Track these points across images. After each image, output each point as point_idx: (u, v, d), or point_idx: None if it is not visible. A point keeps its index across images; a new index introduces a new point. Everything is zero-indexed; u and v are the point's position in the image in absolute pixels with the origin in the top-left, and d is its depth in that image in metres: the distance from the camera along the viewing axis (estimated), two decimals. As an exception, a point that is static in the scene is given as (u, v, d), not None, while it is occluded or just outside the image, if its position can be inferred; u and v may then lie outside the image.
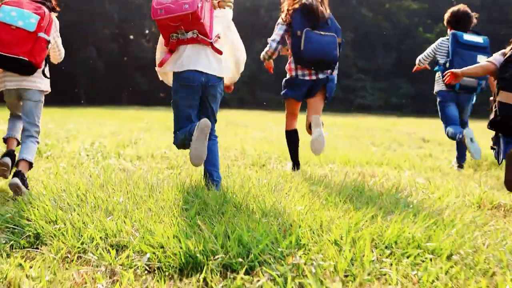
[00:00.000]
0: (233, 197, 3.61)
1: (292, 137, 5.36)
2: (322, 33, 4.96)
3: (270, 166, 5.63)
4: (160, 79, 4.43)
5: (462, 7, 6.00)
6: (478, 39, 5.75)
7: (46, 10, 4.09)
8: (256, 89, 45.62)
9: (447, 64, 5.75)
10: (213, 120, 4.26)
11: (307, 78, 5.11)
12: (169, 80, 4.30)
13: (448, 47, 5.82)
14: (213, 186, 3.98)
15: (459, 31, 5.80)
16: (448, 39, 5.87)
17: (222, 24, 4.21)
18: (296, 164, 5.35)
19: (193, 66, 3.99)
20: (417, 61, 6.32)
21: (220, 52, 4.07)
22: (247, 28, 47.94)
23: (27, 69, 4.01)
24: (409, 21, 49.38)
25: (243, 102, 45.82)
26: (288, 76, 5.26)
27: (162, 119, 15.13)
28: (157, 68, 4.23)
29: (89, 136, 8.49)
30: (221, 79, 4.17)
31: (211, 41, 4.01)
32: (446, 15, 6.06)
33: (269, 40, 5.19)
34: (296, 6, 4.99)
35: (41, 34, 3.97)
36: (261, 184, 4.18)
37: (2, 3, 3.99)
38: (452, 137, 5.81)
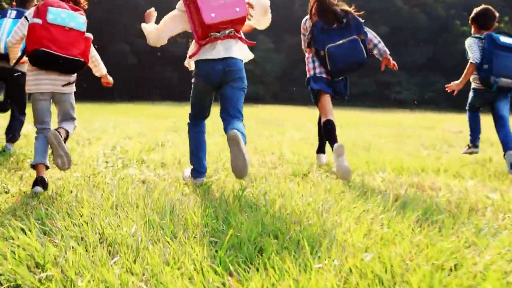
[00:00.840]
0: (273, 224, 2.88)
1: (329, 126, 5.10)
2: (342, 41, 4.95)
3: (313, 176, 4.88)
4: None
5: (488, 7, 5.85)
6: None
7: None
8: (289, 84, 44.92)
9: (485, 66, 5.57)
10: (240, 114, 4.00)
11: (324, 76, 5.17)
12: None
13: (482, 47, 5.63)
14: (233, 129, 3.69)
15: (494, 33, 5.64)
16: (475, 37, 5.72)
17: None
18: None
19: (221, 55, 3.93)
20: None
21: (251, 43, 4.09)
22: (278, 22, 47.26)
23: (80, 69, 4.06)
24: (445, 13, 47.97)
25: (276, 97, 45.17)
26: (308, 75, 5.31)
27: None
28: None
29: (114, 137, 7.87)
30: (241, 63, 4.03)
31: (240, 35, 4.02)
32: (472, 15, 5.91)
33: (303, 47, 5.41)
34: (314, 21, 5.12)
35: (88, 34, 4.04)
36: (306, 202, 3.46)
37: (42, 4, 3.88)
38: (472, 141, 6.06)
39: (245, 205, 3.28)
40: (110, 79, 4.64)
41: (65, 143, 3.87)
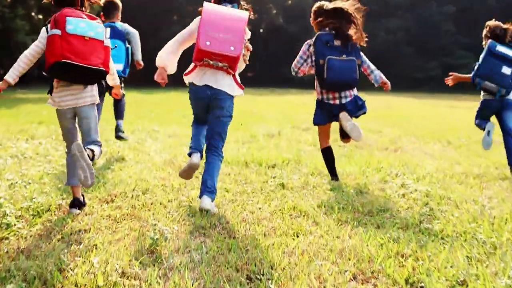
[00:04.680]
0: None
1: (328, 155, 5.36)
2: (342, 58, 4.96)
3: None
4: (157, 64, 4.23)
5: (499, 24, 5.80)
6: (511, 52, 5.56)
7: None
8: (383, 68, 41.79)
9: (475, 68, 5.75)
10: (220, 139, 4.13)
11: (331, 102, 5.13)
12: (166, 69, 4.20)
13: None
14: (203, 195, 3.87)
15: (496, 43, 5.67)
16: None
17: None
18: (334, 176, 5.33)
19: (204, 82, 3.98)
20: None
21: (241, 87, 4.10)
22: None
23: (101, 79, 3.79)
24: (514, -5, 43.44)
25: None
26: (316, 98, 5.30)
27: (238, 114, 10.88)
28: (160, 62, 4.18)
29: (90, 201, 4.21)
30: (229, 96, 4.03)
31: (234, 73, 4.01)
32: (485, 30, 5.89)
33: (293, 65, 5.29)
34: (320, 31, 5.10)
35: (107, 43, 3.76)
36: None
37: (59, 14, 3.57)
38: (478, 126, 6.08)
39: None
40: (120, 92, 4.42)
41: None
